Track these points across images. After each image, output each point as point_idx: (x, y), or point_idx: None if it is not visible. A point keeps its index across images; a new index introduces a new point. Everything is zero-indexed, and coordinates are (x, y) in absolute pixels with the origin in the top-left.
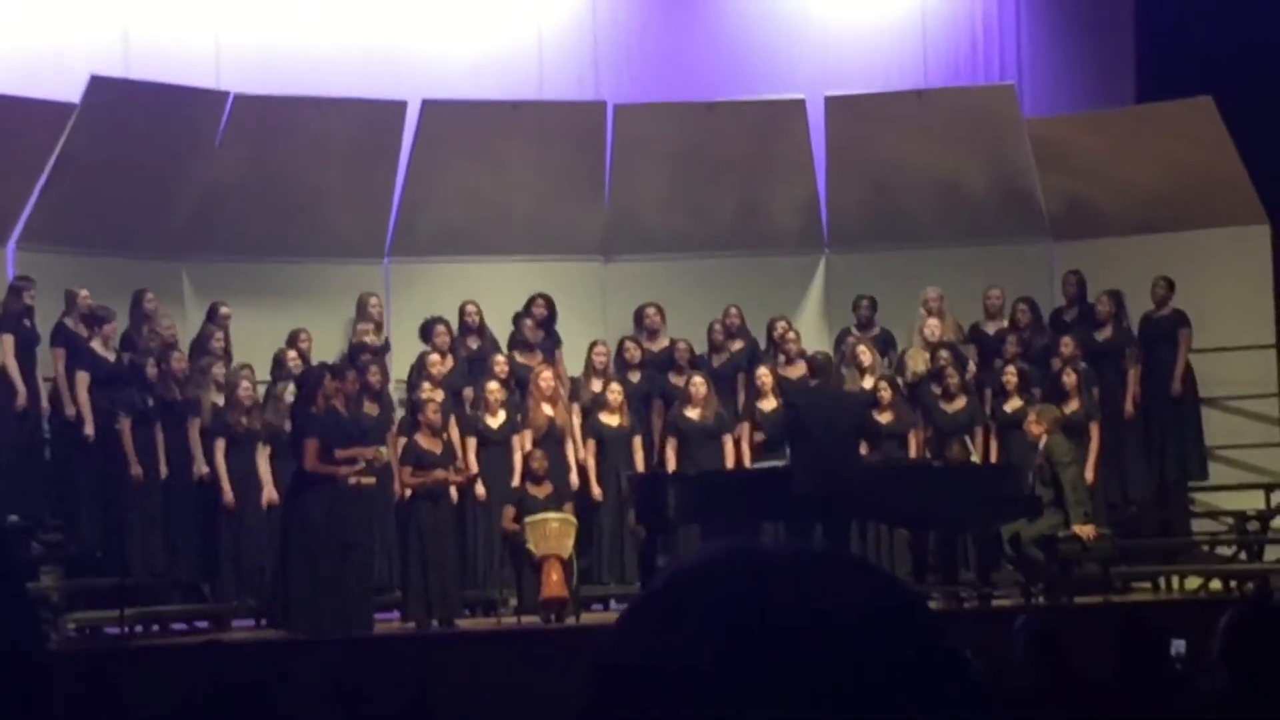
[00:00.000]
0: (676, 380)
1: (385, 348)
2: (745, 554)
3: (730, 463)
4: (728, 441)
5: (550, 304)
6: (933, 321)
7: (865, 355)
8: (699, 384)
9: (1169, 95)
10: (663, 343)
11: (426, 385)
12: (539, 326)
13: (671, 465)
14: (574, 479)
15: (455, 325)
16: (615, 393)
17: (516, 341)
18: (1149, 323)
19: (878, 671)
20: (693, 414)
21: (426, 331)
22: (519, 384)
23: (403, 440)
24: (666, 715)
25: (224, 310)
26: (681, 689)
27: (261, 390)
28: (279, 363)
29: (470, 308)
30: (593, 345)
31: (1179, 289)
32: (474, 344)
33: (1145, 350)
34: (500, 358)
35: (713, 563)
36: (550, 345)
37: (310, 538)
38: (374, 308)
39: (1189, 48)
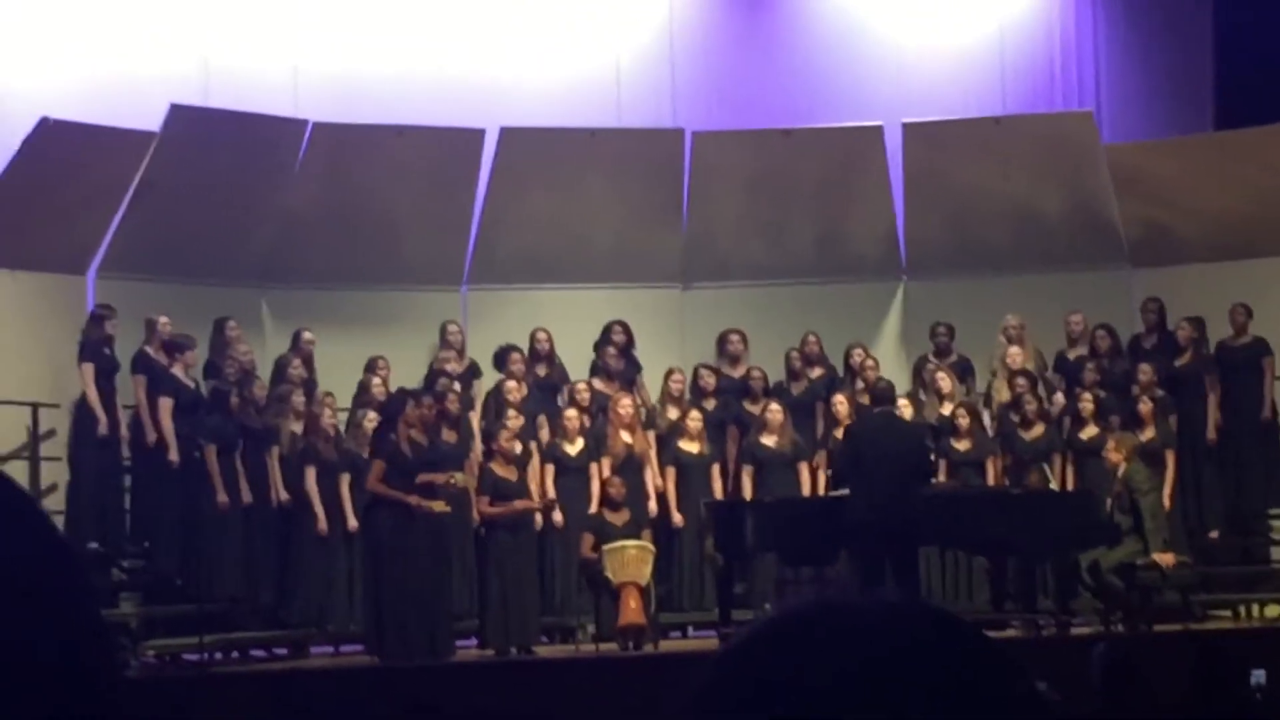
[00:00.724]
0: (752, 408)
1: (472, 374)
2: (833, 607)
3: (807, 491)
4: (804, 469)
5: (628, 330)
6: (1014, 349)
7: (945, 382)
8: (775, 411)
9: (1248, 122)
10: (744, 369)
11: (512, 413)
12: (619, 354)
13: (747, 493)
14: (652, 506)
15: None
16: (695, 420)
17: (597, 369)
18: (1227, 350)
19: None
20: (769, 441)
21: (501, 359)
22: (599, 411)
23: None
24: None
25: (307, 336)
26: None
27: (342, 418)
28: (363, 389)
29: (541, 335)
30: (669, 373)
31: (1257, 316)
32: (543, 371)
33: (1223, 377)
34: (581, 384)
35: (800, 616)
36: (631, 372)
37: (386, 564)
38: (453, 335)
39: (1268, 74)
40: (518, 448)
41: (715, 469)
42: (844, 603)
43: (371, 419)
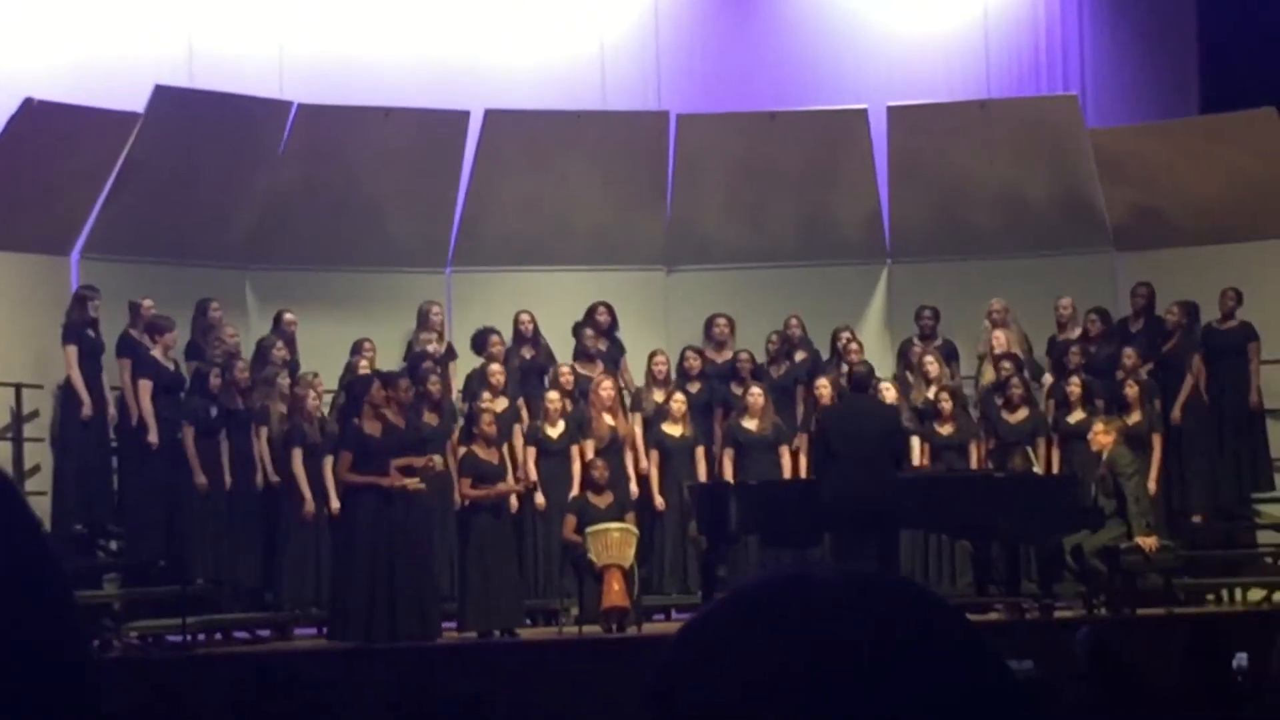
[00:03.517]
0: (737, 390)
1: (449, 355)
2: (797, 579)
3: (787, 474)
4: (785, 452)
5: (612, 311)
6: (998, 333)
7: (933, 366)
8: (756, 395)
9: (1232, 106)
10: (728, 354)
11: (487, 395)
12: (602, 335)
13: (728, 475)
14: (634, 489)
15: (509, 335)
16: (679, 403)
17: (578, 351)
18: (1214, 334)
19: (927, 694)
20: (750, 425)
21: (480, 342)
22: (580, 394)
23: (461, 450)
24: None
25: (288, 318)
26: (734, 714)
27: (326, 399)
28: (350, 371)
29: (524, 317)
30: (653, 355)
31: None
32: (528, 353)
33: (1210, 361)
34: (565, 367)
35: (764, 588)
36: (614, 353)
37: (361, 547)
38: (435, 316)
39: (1252, 59)
40: (495, 431)
41: (699, 452)
42: (809, 575)
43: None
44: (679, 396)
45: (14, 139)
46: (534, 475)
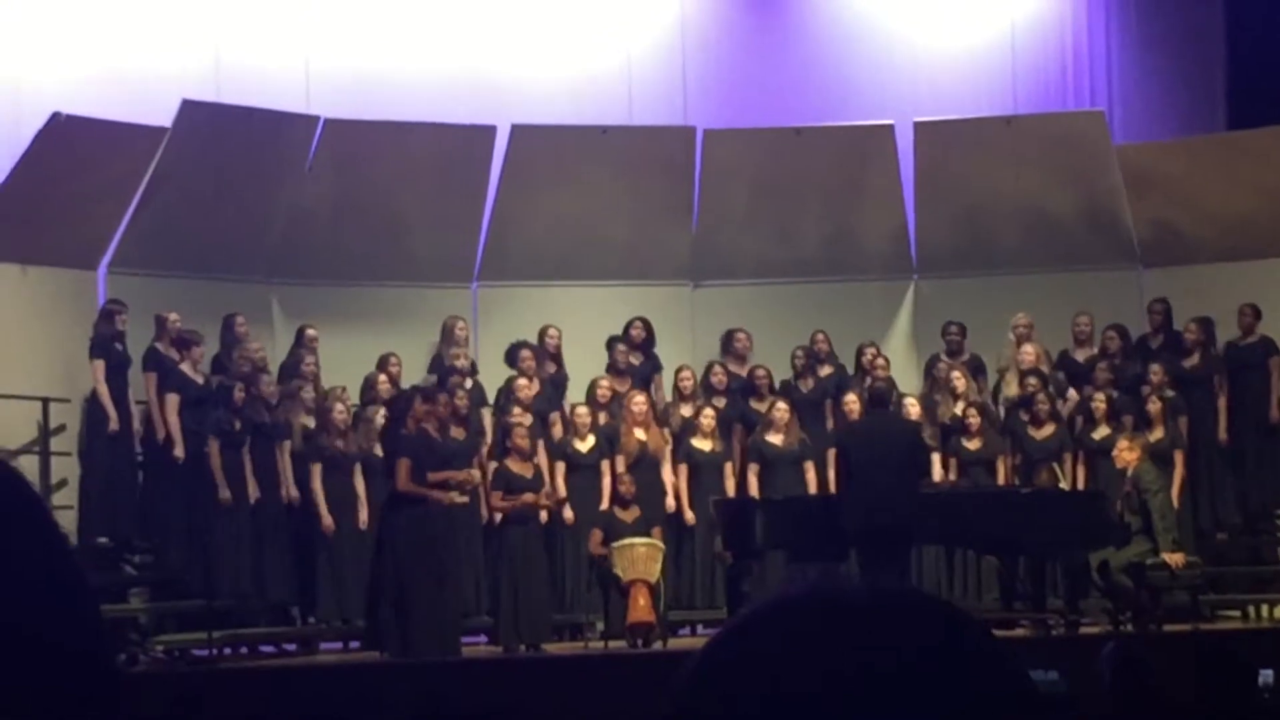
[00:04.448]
0: (758, 405)
1: (472, 370)
2: (822, 593)
3: (813, 489)
4: (809, 468)
5: (648, 326)
6: (1028, 347)
7: (960, 381)
8: (782, 410)
9: (1260, 122)
10: (750, 367)
11: (516, 410)
12: (637, 349)
13: (754, 491)
14: (670, 502)
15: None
16: (708, 417)
17: (611, 366)
18: (1235, 350)
19: (953, 709)
20: (775, 440)
21: (512, 356)
22: (617, 408)
23: (492, 464)
24: None
25: (310, 333)
26: None
27: (351, 414)
28: (369, 386)
29: (552, 331)
30: (678, 370)
31: (1267, 316)
32: (552, 368)
33: (1231, 377)
34: (604, 381)
35: (788, 603)
36: (649, 369)
37: (401, 560)
38: (460, 331)
39: None
40: (529, 444)
41: (728, 467)
42: (833, 590)
43: (375, 412)
44: (708, 411)
45: (42, 153)
46: (562, 490)
